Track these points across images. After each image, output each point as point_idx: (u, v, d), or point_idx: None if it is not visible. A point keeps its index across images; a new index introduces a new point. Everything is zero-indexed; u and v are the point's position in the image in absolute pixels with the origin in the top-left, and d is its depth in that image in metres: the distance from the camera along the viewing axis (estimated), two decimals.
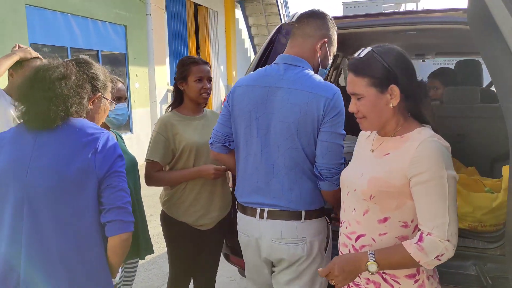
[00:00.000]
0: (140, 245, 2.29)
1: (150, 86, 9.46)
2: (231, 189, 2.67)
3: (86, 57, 1.79)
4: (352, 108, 1.57)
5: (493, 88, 3.98)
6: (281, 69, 1.92)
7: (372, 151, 1.62)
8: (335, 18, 3.13)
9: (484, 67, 3.88)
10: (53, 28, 6.90)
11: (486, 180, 2.75)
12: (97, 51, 7.99)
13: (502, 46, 1.41)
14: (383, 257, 1.46)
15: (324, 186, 1.89)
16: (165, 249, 2.63)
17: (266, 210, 1.90)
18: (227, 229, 2.62)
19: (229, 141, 2.04)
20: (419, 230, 1.46)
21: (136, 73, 9.02)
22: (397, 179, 1.46)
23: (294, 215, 1.88)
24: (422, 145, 1.43)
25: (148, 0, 9.07)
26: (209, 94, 2.49)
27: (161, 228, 2.57)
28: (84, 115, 1.62)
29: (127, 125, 8.83)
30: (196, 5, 12.07)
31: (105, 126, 2.20)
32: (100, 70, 1.75)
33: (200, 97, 2.46)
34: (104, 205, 1.52)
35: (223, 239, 2.68)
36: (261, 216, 1.91)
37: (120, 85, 2.23)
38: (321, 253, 1.93)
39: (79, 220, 1.49)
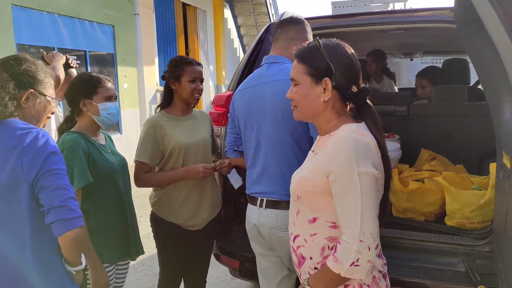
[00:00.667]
0: (130, 246, 2.28)
1: (139, 86, 9.40)
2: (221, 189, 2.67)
3: (21, 54, 1.72)
4: (288, 94, 1.56)
5: (480, 87, 4.02)
6: (264, 68, 2.14)
7: (313, 151, 1.60)
8: (324, 17, 3.15)
9: (471, 65, 3.93)
10: (39, 28, 6.83)
11: (474, 178, 2.77)
12: (85, 51, 7.91)
13: (488, 45, 1.43)
14: (314, 281, 1.43)
15: None
16: (155, 250, 2.62)
17: (265, 199, 2.07)
18: (217, 230, 2.61)
19: (237, 145, 2.30)
20: None
21: (124, 73, 8.96)
22: (319, 178, 1.41)
23: (287, 205, 1.92)
24: (337, 142, 1.37)
25: (136, 0, 9.01)
26: (200, 94, 2.50)
27: (151, 229, 2.56)
28: (16, 115, 1.57)
29: (116, 126, 8.76)
30: (184, 5, 12.03)
31: (96, 125, 2.19)
32: (34, 66, 1.67)
33: (192, 98, 2.46)
34: (43, 207, 1.50)
35: (214, 239, 2.68)
36: (261, 205, 2.08)
37: (109, 84, 2.22)
38: None
39: (13, 226, 1.48)
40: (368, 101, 1.46)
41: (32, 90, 1.63)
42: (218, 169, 2.42)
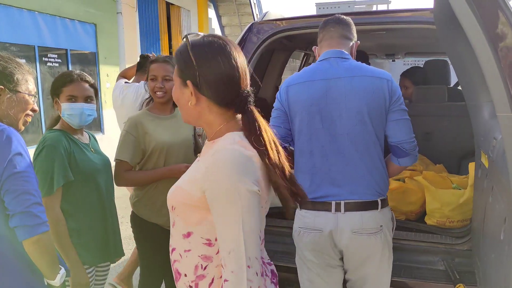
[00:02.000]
0: (110, 248, 2.24)
1: None
2: None
3: None
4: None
5: (460, 87, 4.08)
6: (334, 62, 2.01)
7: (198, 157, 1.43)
8: (308, 17, 3.16)
9: (452, 66, 3.98)
10: (19, 26, 6.70)
11: (454, 177, 2.81)
12: (66, 50, 7.79)
13: (466, 46, 1.44)
14: None
15: (406, 162, 2.01)
16: (135, 251, 2.59)
17: (342, 202, 1.92)
18: None
19: (288, 142, 2.08)
20: None
21: (107, 72, 8.86)
22: (195, 191, 1.24)
23: (372, 205, 1.93)
24: (216, 154, 1.20)
25: None
26: (164, 93, 2.43)
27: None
28: None
29: (98, 126, 8.66)
30: (168, 4, 11.95)
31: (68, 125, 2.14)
32: (5, 63, 1.65)
33: (155, 96, 2.44)
34: (9, 211, 1.48)
35: None
36: (338, 209, 1.93)
37: (78, 84, 2.13)
38: (389, 240, 2.00)
39: None
40: (252, 108, 1.26)
41: (1, 87, 1.61)
42: None
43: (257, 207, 1.17)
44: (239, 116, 1.27)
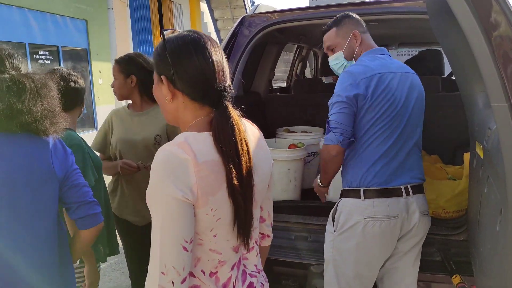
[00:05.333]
0: (113, 246, 2.25)
1: None
2: None
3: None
4: None
5: (454, 77, 4.07)
6: (387, 58, 2.12)
7: None
8: (301, 9, 3.13)
9: (445, 57, 3.96)
10: (9, 23, 6.62)
11: (449, 168, 2.81)
12: (57, 46, 7.72)
13: (459, 35, 1.43)
14: None
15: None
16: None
17: (409, 186, 2.02)
18: None
19: (352, 134, 2.03)
20: None
21: (99, 68, 8.79)
22: None
23: (423, 188, 2.12)
24: (155, 157, 1.14)
25: None
26: (115, 92, 2.50)
27: None
28: None
29: (91, 122, 8.61)
30: None
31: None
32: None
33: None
34: (70, 204, 1.60)
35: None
36: (407, 193, 2.01)
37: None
38: None
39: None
40: (227, 104, 1.21)
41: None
42: (144, 168, 2.36)
43: (180, 215, 1.10)
44: (212, 114, 1.22)
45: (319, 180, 2.26)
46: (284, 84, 6.41)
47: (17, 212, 1.44)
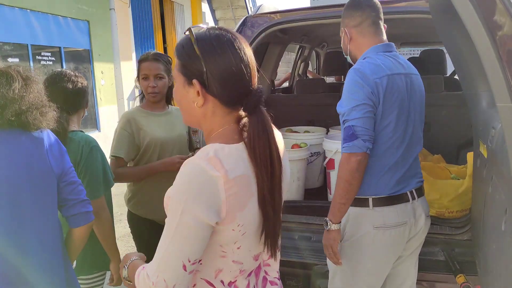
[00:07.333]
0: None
1: (117, 82, 9.24)
2: None
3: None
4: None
5: (456, 77, 4.06)
6: (396, 56, 1.99)
7: None
8: (303, 9, 3.13)
9: (448, 56, 3.96)
10: (12, 25, 6.63)
11: (452, 167, 2.80)
12: (60, 48, 7.73)
13: (463, 34, 1.42)
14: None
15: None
16: (135, 249, 2.57)
17: (413, 190, 1.97)
18: None
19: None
20: None
21: (101, 69, 8.80)
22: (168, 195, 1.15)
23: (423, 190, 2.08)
24: (182, 167, 1.07)
25: None
26: (157, 93, 2.41)
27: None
28: None
29: (94, 123, 8.61)
30: None
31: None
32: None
33: (149, 96, 2.41)
34: (66, 202, 1.61)
35: None
36: (413, 198, 1.96)
37: None
38: None
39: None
40: (262, 109, 1.11)
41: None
42: None
43: (197, 236, 1.04)
44: (243, 121, 1.12)
45: (329, 223, 1.92)
46: (287, 84, 6.41)
47: (19, 210, 1.44)
